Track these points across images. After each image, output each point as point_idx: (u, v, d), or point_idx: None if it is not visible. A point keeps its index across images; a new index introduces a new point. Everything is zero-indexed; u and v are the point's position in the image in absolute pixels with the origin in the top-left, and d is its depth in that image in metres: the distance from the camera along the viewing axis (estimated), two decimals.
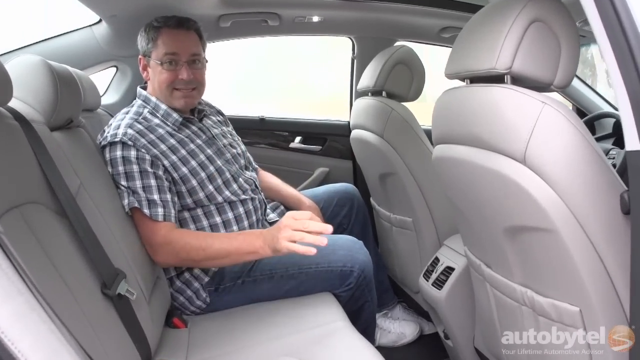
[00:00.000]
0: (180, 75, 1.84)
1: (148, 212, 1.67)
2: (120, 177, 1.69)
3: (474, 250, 1.61)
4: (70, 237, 1.24)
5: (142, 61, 1.90)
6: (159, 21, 1.86)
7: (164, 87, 1.85)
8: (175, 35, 1.85)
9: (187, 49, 1.85)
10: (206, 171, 1.83)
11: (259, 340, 1.58)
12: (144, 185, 1.69)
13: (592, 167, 1.10)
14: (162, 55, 1.83)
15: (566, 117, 1.11)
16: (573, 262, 1.14)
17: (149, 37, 1.86)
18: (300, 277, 1.80)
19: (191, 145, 1.85)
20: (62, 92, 1.47)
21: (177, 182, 1.77)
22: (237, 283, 1.82)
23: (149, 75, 1.89)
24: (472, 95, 1.33)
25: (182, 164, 1.78)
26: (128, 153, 1.70)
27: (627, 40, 0.94)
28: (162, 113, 1.86)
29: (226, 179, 1.88)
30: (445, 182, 1.58)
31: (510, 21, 1.20)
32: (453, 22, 2.78)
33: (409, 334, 2.38)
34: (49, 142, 1.31)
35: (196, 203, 1.82)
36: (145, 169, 1.70)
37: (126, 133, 1.73)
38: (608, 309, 1.14)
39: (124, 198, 1.68)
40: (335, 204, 2.29)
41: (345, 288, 1.82)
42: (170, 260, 1.70)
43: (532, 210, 1.16)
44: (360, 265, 1.82)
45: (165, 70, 1.84)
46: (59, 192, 1.25)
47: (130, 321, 1.33)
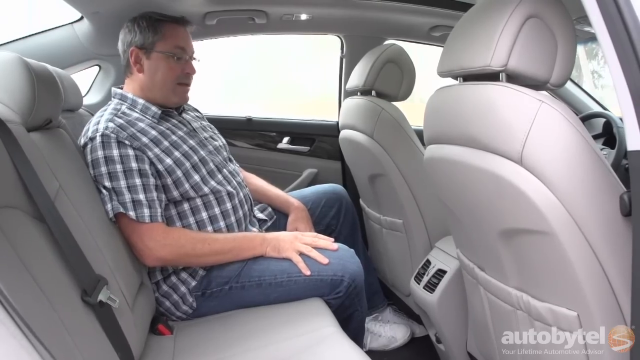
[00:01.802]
0: (187, 70, 1.88)
1: (134, 214, 1.63)
2: (103, 177, 1.65)
3: (467, 253, 1.58)
4: (48, 242, 1.20)
5: (134, 53, 1.85)
6: (159, 14, 1.87)
7: (170, 80, 1.85)
8: (181, 31, 1.89)
9: (191, 45, 1.91)
10: (190, 161, 1.81)
11: (247, 348, 1.54)
12: (128, 185, 1.66)
13: (591, 168, 1.08)
14: (172, 47, 1.84)
15: (564, 116, 1.08)
16: (571, 265, 1.11)
17: (153, 28, 1.84)
18: (289, 285, 1.77)
19: (173, 137, 1.83)
20: (40, 91, 1.42)
21: (162, 175, 1.75)
22: (224, 289, 1.79)
23: (143, 68, 1.86)
24: (466, 93, 1.30)
25: (166, 155, 1.76)
26: (110, 152, 1.67)
27: (630, 37, 0.92)
28: (141, 107, 1.84)
29: (210, 169, 1.87)
30: (438, 184, 1.56)
31: (505, 17, 1.17)
32: (443, 21, 2.77)
33: (400, 337, 2.36)
34: (25, 143, 1.27)
35: (182, 195, 1.79)
36: (130, 167, 1.67)
37: (107, 127, 1.69)
38: (607, 314, 1.11)
39: (107, 203, 1.64)
40: (324, 205, 2.26)
41: (334, 296, 1.79)
42: (169, 257, 1.70)
43: (529, 212, 1.13)
44: (351, 275, 1.78)
45: (173, 64, 1.85)
46: (37, 196, 1.20)
47: (112, 329, 1.29)
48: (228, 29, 2.77)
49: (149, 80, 1.85)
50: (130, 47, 1.85)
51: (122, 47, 1.89)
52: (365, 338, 2.24)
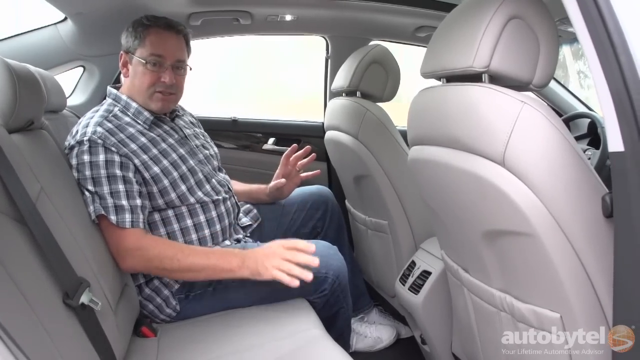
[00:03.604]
0: (163, 78, 1.81)
1: (115, 218, 1.62)
2: (87, 182, 1.63)
3: (452, 254, 1.58)
4: (29, 245, 1.18)
5: (123, 57, 1.85)
6: (149, 20, 1.83)
7: (145, 87, 1.81)
8: (164, 37, 1.83)
9: (173, 53, 1.83)
10: (178, 170, 1.80)
11: (231, 350, 1.54)
12: (111, 190, 1.64)
13: (573, 169, 1.08)
14: (147, 54, 1.80)
15: (546, 117, 1.08)
16: (553, 267, 1.11)
17: (137, 34, 1.82)
18: (273, 283, 1.75)
19: (163, 145, 1.81)
20: (21, 91, 1.41)
21: (148, 183, 1.73)
22: (207, 290, 1.78)
23: (128, 72, 1.85)
24: (449, 94, 1.30)
25: (154, 163, 1.75)
26: (96, 157, 1.65)
27: (610, 39, 0.92)
28: (133, 111, 1.82)
29: (199, 180, 1.85)
30: (422, 185, 1.56)
31: (487, 18, 1.17)
32: (428, 22, 2.78)
33: (386, 338, 2.35)
34: (6, 144, 1.25)
35: (167, 204, 1.78)
36: (114, 173, 1.65)
37: (95, 131, 1.68)
38: (589, 315, 1.12)
39: (89, 204, 1.62)
40: (309, 207, 2.26)
41: (319, 294, 1.79)
42: (139, 267, 1.65)
43: (511, 214, 1.13)
44: (334, 272, 1.79)
45: (148, 71, 1.81)
46: (17, 198, 1.19)
47: (94, 332, 1.28)
48: (213, 30, 2.76)
49: (131, 85, 1.84)
50: (122, 50, 1.86)
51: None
52: (351, 338, 2.23)
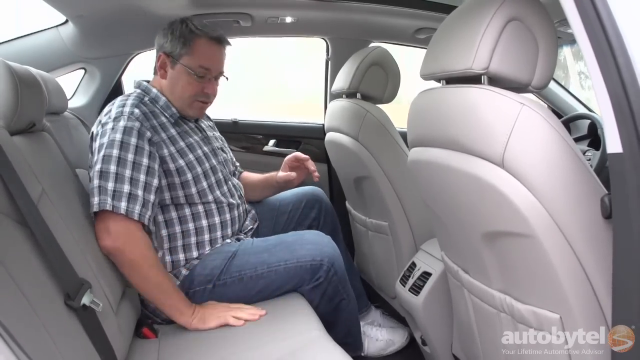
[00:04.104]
0: (207, 90, 1.88)
1: (125, 206, 1.60)
2: (111, 160, 1.62)
3: (452, 256, 1.59)
4: (31, 246, 1.19)
5: (162, 58, 1.87)
6: (198, 28, 1.85)
7: (187, 95, 1.86)
8: (214, 50, 1.88)
9: (219, 66, 1.90)
10: (202, 167, 1.84)
11: (232, 352, 1.54)
12: (132, 176, 1.64)
13: (572, 170, 1.08)
14: (196, 65, 1.84)
15: (545, 119, 1.08)
16: (553, 268, 1.11)
17: (185, 41, 1.84)
18: (270, 275, 1.79)
19: (190, 139, 1.86)
20: (23, 94, 1.42)
21: (171, 174, 1.76)
22: (207, 287, 1.79)
23: (166, 74, 1.88)
24: (448, 96, 1.30)
25: (180, 156, 1.79)
26: (128, 139, 1.66)
27: (608, 40, 0.92)
28: (162, 104, 1.86)
29: (218, 179, 1.90)
30: (422, 186, 1.56)
31: (486, 20, 1.17)
32: (428, 23, 2.77)
33: (398, 340, 2.33)
34: (8, 147, 1.25)
35: (187, 198, 1.80)
36: (140, 161, 1.66)
37: (133, 112, 1.71)
38: (588, 315, 1.12)
39: (95, 195, 1.60)
40: (304, 206, 2.28)
41: (315, 283, 1.80)
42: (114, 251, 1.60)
43: (511, 215, 1.13)
44: (329, 258, 1.81)
45: (194, 81, 1.85)
46: (19, 200, 1.19)
47: (96, 333, 1.29)
48: None
49: (169, 89, 1.87)
50: (160, 51, 1.88)
51: (156, 46, 1.92)
52: (362, 338, 2.22)
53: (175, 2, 2.33)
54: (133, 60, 2.72)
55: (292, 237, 1.89)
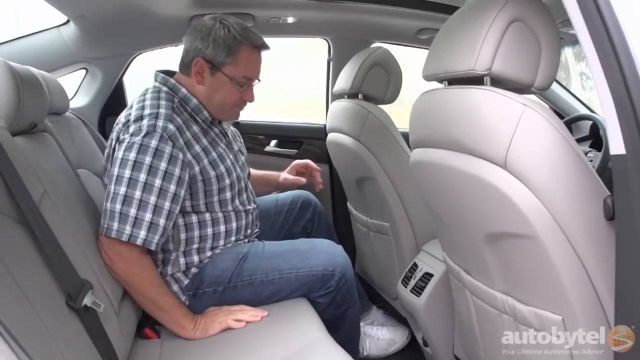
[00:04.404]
0: (246, 97, 1.85)
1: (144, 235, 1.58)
2: (137, 183, 1.58)
3: (453, 257, 1.58)
4: (33, 247, 1.19)
5: (199, 64, 1.77)
6: (240, 34, 1.76)
7: (227, 103, 1.82)
8: (256, 58, 1.83)
9: (259, 73, 1.86)
10: (230, 178, 1.81)
11: (233, 353, 1.54)
12: (157, 203, 1.60)
13: (575, 172, 1.08)
14: (240, 76, 1.78)
15: (548, 120, 1.08)
16: (555, 269, 1.11)
17: (229, 49, 1.75)
18: (280, 282, 1.79)
19: (219, 149, 1.82)
20: (24, 94, 1.42)
21: (197, 187, 1.73)
22: (217, 290, 1.78)
23: (204, 80, 1.79)
24: (451, 97, 1.30)
25: (212, 168, 1.75)
26: (158, 163, 1.61)
27: (611, 41, 0.92)
28: (193, 107, 1.80)
29: (240, 188, 1.88)
30: (424, 187, 1.56)
31: (489, 21, 1.17)
32: (430, 24, 2.78)
33: (399, 339, 2.34)
34: (10, 147, 1.25)
35: (207, 206, 1.78)
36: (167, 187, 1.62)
37: (166, 128, 1.63)
38: (591, 317, 1.12)
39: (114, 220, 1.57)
40: (300, 207, 2.27)
41: (325, 291, 1.81)
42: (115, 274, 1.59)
43: (513, 216, 1.13)
44: (341, 269, 1.81)
45: (236, 91, 1.80)
46: (21, 200, 1.19)
47: (97, 334, 1.28)
48: None
49: (206, 95, 1.80)
50: (197, 55, 1.77)
51: (187, 46, 1.80)
52: (364, 342, 2.24)
53: (177, 2, 2.34)
54: (134, 60, 2.72)
55: (305, 245, 1.88)
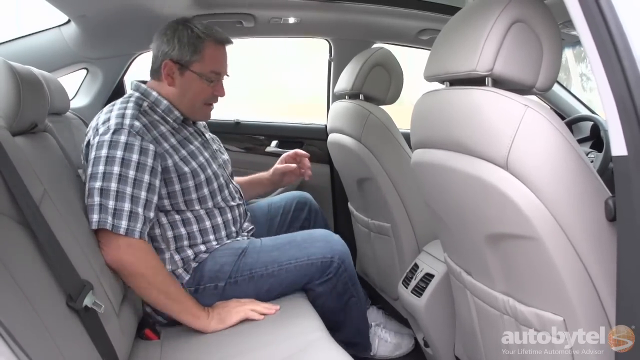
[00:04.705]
0: (217, 92, 1.88)
1: (125, 224, 1.60)
2: (112, 177, 1.61)
3: (454, 258, 1.59)
4: (33, 247, 1.19)
5: (168, 66, 1.81)
6: (203, 32, 1.81)
7: (199, 101, 1.85)
8: (221, 52, 1.88)
9: (226, 66, 1.90)
10: (205, 173, 1.83)
11: (233, 353, 1.55)
12: (133, 194, 1.62)
13: (576, 173, 1.08)
14: (207, 71, 1.83)
15: (549, 121, 1.08)
16: (556, 270, 1.11)
17: (194, 47, 1.80)
18: (280, 274, 1.81)
19: (191, 146, 1.84)
20: (25, 94, 1.42)
21: (172, 182, 1.75)
22: (218, 285, 1.80)
23: (174, 82, 1.83)
24: (452, 98, 1.30)
25: (185, 164, 1.77)
26: (130, 155, 1.64)
27: (614, 42, 0.92)
28: (164, 109, 1.83)
29: (220, 184, 1.89)
30: (425, 188, 1.56)
31: (491, 22, 1.17)
32: (431, 24, 2.78)
33: (404, 345, 2.32)
34: (10, 147, 1.26)
35: (187, 204, 1.80)
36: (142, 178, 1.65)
37: (133, 125, 1.67)
38: (592, 318, 1.12)
39: (93, 212, 1.59)
40: (295, 208, 2.29)
41: (325, 278, 1.83)
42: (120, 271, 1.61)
43: (515, 217, 1.13)
44: (339, 256, 1.84)
45: (206, 87, 1.84)
46: (21, 201, 1.19)
47: (98, 335, 1.29)
48: None
49: (177, 96, 1.84)
50: (165, 58, 1.81)
51: (155, 52, 1.85)
52: (373, 341, 2.23)
53: (179, 3, 2.35)
54: (135, 60, 2.73)
55: (301, 236, 1.90)
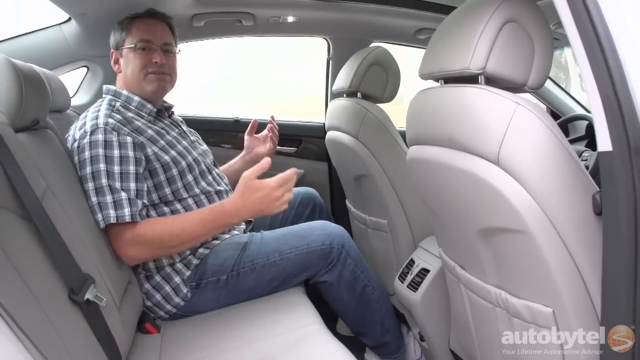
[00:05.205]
0: (154, 59, 1.89)
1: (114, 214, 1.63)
2: (101, 174, 1.65)
3: (449, 252, 1.61)
4: (36, 242, 1.21)
5: (114, 55, 1.94)
6: (132, 14, 1.92)
7: (137, 71, 1.89)
8: (150, 24, 1.93)
9: (160, 36, 1.92)
10: (186, 160, 1.86)
11: (233, 346, 1.57)
12: (122, 187, 1.66)
13: (565, 169, 1.11)
14: (136, 40, 1.89)
15: (540, 118, 1.11)
16: (546, 263, 1.14)
17: (123, 27, 1.91)
18: (282, 263, 1.84)
19: (168, 137, 1.88)
20: (27, 91, 1.43)
21: (156, 173, 1.79)
22: (221, 279, 1.82)
23: (121, 67, 1.93)
24: (446, 95, 1.33)
25: (165, 153, 1.81)
26: (111, 152, 1.68)
27: (600, 43, 0.95)
28: (136, 104, 1.88)
29: (202, 170, 1.93)
30: (420, 184, 1.59)
31: (484, 21, 1.20)
32: (429, 24, 2.81)
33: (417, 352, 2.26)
34: (12, 143, 1.28)
35: (174, 194, 1.83)
36: (127, 170, 1.69)
37: (107, 122, 1.71)
38: (580, 310, 1.14)
39: (97, 213, 1.63)
40: (299, 204, 2.32)
41: (329, 267, 1.86)
42: (143, 254, 1.68)
43: (506, 211, 1.16)
44: (338, 239, 1.87)
45: (139, 55, 1.89)
46: (24, 196, 1.22)
47: (99, 328, 1.31)
48: (216, 31, 2.80)
49: (125, 76, 1.92)
50: (111, 50, 1.94)
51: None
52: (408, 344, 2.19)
53: (178, 1, 2.37)
54: None
55: (301, 227, 1.94)
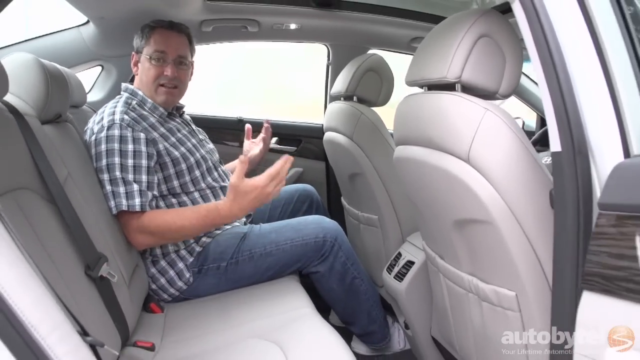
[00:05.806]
0: (166, 72, 1.97)
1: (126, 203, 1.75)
2: (115, 167, 1.76)
3: (430, 244, 1.71)
4: (57, 221, 1.32)
5: (134, 57, 2.04)
6: (155, 22, 2.01)
7: (151, 82, 1.98)
8: (167, 36, 2.00)
9: (175, 49, 2.00)
10: (194, 156, 1.97)
11: (230, 325, 1.68)
12: (134, 179, 1.77)
13: (526, 167, 1.22)
14: (152, 51, 1.97)
15: (505, 123, 1.23)
16: (509, 251, 1.25)
17: (144, 35, 2.00)
18: (278, 253, 1.94)
19: (178, 134, 1.99)
20: (52, 88, 1.56)
21: (166, 166, 1.89)
22: (221, 266, 1.93)
23: (138, 70, 2.02)
24: (427, 101, 1.44)
25: (174, 149, 1.91)
26: (125, 147, 1.79)
27: (552, 60, 1.07)
28: (150, 106, 1.98)
29: (209, 167, 2.03)
30: (404, 180, 1.69)
31: (461, 35, 1.32)
32: (423, 33, 2.79)
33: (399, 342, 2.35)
34: (39, 134, 1.40)
35: (182, 187, 1.93)
36: (140, 163, 1.80)
37: (123, 119, 1.82)
38: (539, 294, 1.25)
39: (110, 200, 1.75)
40: (297, 200, 2.42)
41: (321, 259, 1.95)
42: (149, 241, 1.80)
43: (475, 204, 1.27)
44: (331, 233, 1.96)
45: (152, 66, 1.98)
46: (49, 180, 1.33)
47: (110, 302, 1.42)
48: (223, 36, 2.88)
49: (140, 80, 2.02)
50: (133, 52, 2.04)
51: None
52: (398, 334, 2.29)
53: (189, 8, 2.46)
54: None
55: (296, 220, 2.04)
